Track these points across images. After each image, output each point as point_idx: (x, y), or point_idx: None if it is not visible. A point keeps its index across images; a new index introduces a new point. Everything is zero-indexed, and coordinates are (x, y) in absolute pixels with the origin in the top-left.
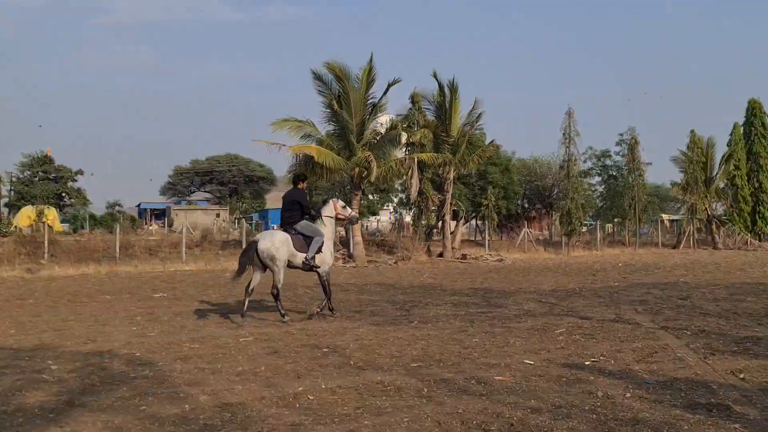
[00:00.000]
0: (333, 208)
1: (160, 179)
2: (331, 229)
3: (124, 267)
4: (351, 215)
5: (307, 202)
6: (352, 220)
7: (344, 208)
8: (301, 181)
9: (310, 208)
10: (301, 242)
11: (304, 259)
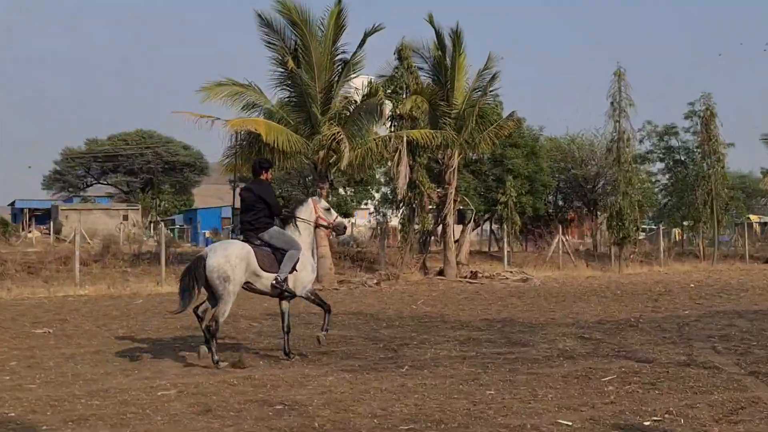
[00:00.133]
0: (312, 210)
1: (42, 167)
2: (309, 238)
3: None
4: (337, 222)
5: (276, 200)
6: (338, 229)
7: (328, 211)
8: (265, 170)
9: (281, 208)
10: (270, 258)
11: (274, 281)
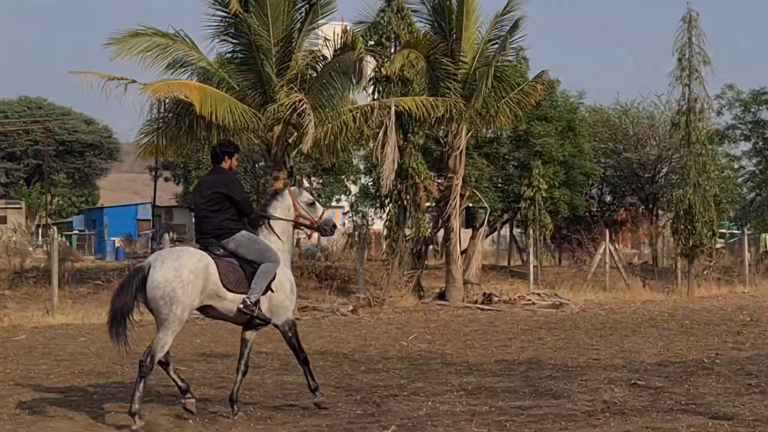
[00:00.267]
0: (291, 205)
1: None
2: (289, 244)
3: None
4: (324, 220)
5: (245, 195)
6: (325, 229)
7: (312, 206)
8: (228, 156)
9: (251, 205)
10: (237, 273)
11: (242, 305)
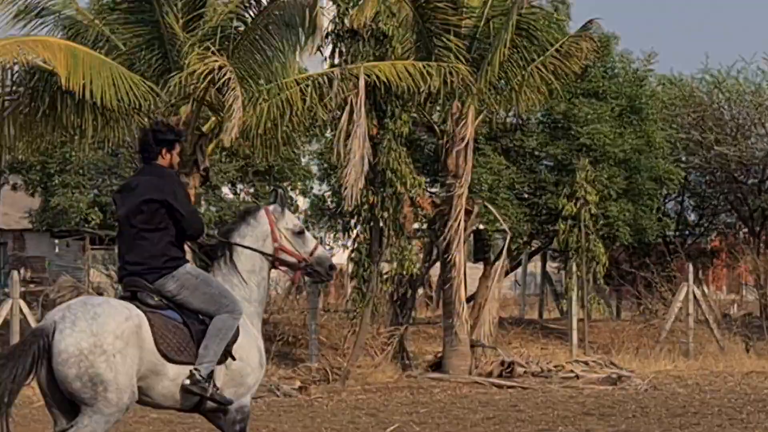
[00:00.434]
0: (268, 230)
1: None
2: (260, 289)
3: None
4: (317, 256)
5: (191, 208)
6: (317, 270)
7: (299, 235)
8: (167, 148)
9: (202, 223)
10: (179, 332)
11: (188, 380)
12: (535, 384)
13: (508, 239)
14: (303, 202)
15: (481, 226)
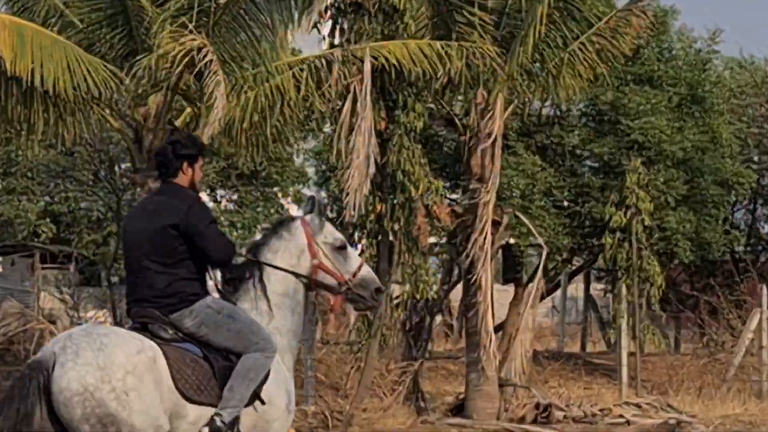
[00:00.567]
0: (304, 244)
1: None
2: (295, 316)
3: None
4: (361, 277)
5: (215, 229)
6: (361, 295)
7: (340, 251)
8: (189, 162)
9: (232, 246)
10: (199, 368)
11: (207, 427)
12: (578, 430)
13: (544, 256)
14: (296, 211)
15: (512, 241)
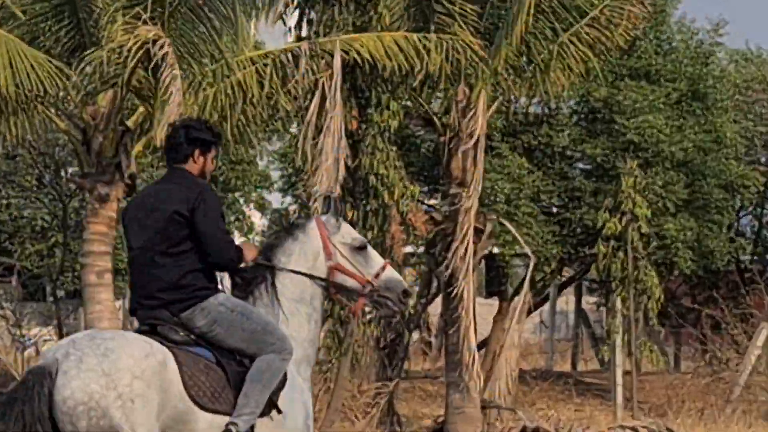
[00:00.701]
0: (319, 246)
1: None
2: (311, 323)
3: None
4: (385, 279)
5: (223, 225)
6: (385, 297)
7: (360, 251)
8: (201, 150)
9: (231, 243)
10: (212, 373)
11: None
12: None
13: (531, 267)
14: (259, 219)
15: (496, 250)
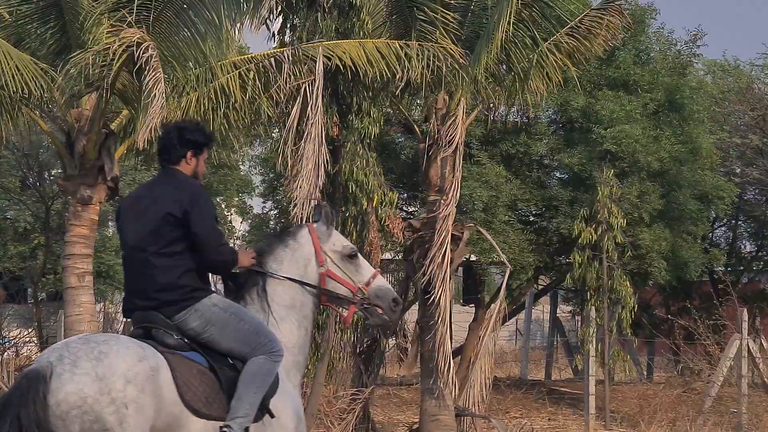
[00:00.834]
0: (311, 252)
1: None
2: (301, 330)
3: None
4: (375, 288)
5: (216, 227)
6: (376, 305)
7: (351, 258)
8: (193, 151)
9: (225, 244)
10: (206, 379)
11: None
12: None
13: (507, 275)
14: (240, 224)
15: (473, 258)
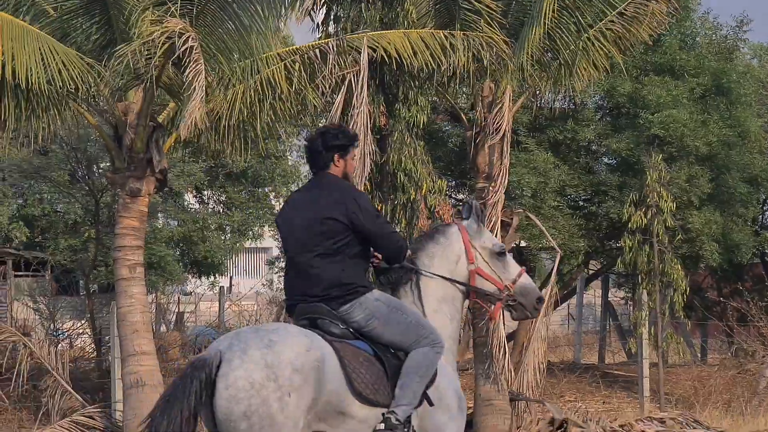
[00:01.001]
0: (461, 250)
1: None
2: (453, 324)
3: None
4: (520, 286)
5: (383, 222)
6: (520, 302)
7: (499, 257)
8: (340, 154)
9: (400, 241)
10: (372, 367)
11: (383, 424)
12: None
13: (557, 260)
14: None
15: (523, 243)
